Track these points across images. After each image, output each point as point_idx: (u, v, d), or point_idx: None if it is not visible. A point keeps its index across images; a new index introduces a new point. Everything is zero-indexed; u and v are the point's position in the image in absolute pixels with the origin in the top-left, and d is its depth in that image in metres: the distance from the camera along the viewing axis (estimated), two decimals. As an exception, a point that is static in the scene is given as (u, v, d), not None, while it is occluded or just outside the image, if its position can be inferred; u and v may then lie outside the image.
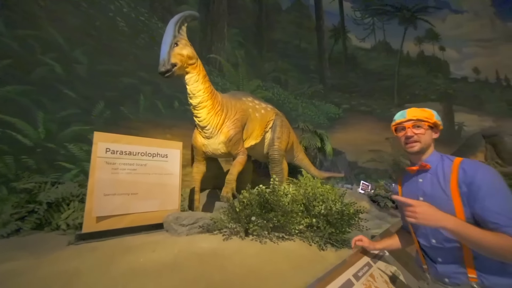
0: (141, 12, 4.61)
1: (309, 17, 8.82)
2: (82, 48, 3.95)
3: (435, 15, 10.01)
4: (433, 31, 10.05)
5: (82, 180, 3.55)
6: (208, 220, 2.48)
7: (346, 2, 9.54)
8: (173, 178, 2.78)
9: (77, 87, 3.94)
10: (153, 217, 2.52)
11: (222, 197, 3.31)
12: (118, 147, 2.45)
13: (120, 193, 2.38)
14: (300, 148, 5.62)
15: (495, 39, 10.67)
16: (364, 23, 9.60)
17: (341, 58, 8.99)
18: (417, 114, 1.32)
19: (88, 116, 4.04)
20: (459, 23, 10.26)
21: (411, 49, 9.80)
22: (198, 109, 3.38)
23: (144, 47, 4.57)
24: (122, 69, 4.26)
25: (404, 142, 1.36)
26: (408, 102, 9.25)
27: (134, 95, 4.40)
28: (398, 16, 9.86)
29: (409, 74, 9.60)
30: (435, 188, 1.28)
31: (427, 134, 1.32)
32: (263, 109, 4.43)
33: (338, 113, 8.37)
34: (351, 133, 8.54)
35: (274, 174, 4.44)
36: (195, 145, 3.68)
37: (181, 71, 3.15)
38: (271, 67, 7.39)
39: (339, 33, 9.17)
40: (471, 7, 10.42)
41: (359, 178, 8.09)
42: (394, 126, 1.41)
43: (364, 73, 9.12)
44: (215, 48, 6.15)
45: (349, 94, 8.73)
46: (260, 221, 2.22)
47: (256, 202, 2.27)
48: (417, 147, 1.32)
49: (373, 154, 8.69)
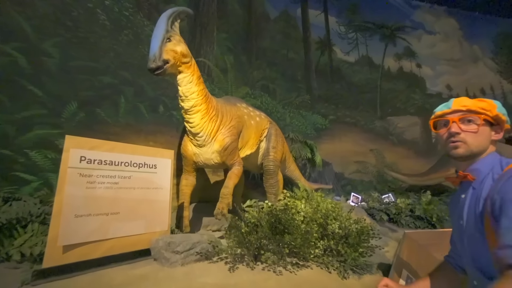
0: (126, 6, 4.17)
1: (296, 28, 8.86)
2: (54, 40, 3.41)
3: (411, 34, 10.57)
4: (410, 49, 10.57)
5: (44, 196, 2.94)
6: (206, 244, 2.07)
7: (331, 17, 9.73)
8: (163, 193, 2.34)
9: (44, 84, 3.36)
10: (137, 242, 2.05)
11: (216, 214, 2.89)
12: (96, 155, 1.98)
13: (96, 214, 1.90)
14: (292, 158, 5.40)
15: (463, 59, 11.47)
16: (348, 37, 9.85)
17: (327, 70, 9.09)
18: (468, 104, 0.94)
19: (56, 118, 3.44)
20: (433, 43, 10.90)
21: (391, 65, 10.19)
22: (191, 114, 2.99)
23: (127, 44, 4.11)
24: (101, 66, 3.75)
25: (445, 141, 0.96)
26: (390, 115, 9.52)
27: (113, 96, 3.88)
28: (379, 33, 10.27)
29: (390, 88, 9.92)
30: (472, 210, 0.90)
31: (481, 132, 0.92)
32: (257, 116, 4.15)
33: (325, 124, 8.35)
34: (337, 144, 8.53)
35: (269, 186, 4.13)
36: (185, 154, 3.26)
37: (173, 69, 2.77)
38: (260, 75, 7.20)
39: (325, 46, 9.31)
40: (442, 29, 11.15)
41: (346, 189, 8.05)
42: (433, 120, 1.03)
43: (349, 85, 9.29)
44: (204, 51, 5.83)
45: (335, 105, 8.79)
46: (272, 246, 1.87)
47: (267, 223, 1.93)
48: (462, 150, 0.92)
49: (358, 165, 8.76)
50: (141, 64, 4.28)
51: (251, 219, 1.94)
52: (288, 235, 1.84)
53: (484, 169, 0.91)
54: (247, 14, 7.31)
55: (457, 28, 11.05)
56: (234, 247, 1.90)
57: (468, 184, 0.95)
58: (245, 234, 1.90)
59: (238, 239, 1.90)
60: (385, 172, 8.43)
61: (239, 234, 1.92)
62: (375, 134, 9.03)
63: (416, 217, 4.72)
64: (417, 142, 9.29)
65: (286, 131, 5.97)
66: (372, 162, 8.75)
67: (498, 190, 0.77)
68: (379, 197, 5.74)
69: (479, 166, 0.92)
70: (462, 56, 11.08)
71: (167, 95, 4.58)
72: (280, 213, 1.95)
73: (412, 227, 4.53)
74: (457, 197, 1.02)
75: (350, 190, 7.37)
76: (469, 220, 0.90)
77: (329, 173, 8.01)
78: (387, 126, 9.14)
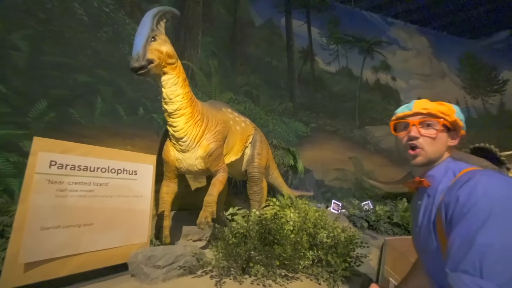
0: (106, 2, 3.95)
1: (280, 37, 9.03)
2: (23, 32, 3.11)
3: (387, 49, 11.15)
4: (386, 63, 11.15)
5: (3, 204, 2.61)
6: (190, 257, 1.93)
7: (314, 28, 10.06)
8: (143, 201, 2.16)
9: (10, 80, 3.03)
10: (113, 256, 1.86)
11: (200, 223, 2.75)
12: (69, 160, 1.78)
13: (66, 225, 1.69)
14: (275, 165, 5.38)
15: (432, 75, 12.27)
16: (330, 48, 10.22)
17: (309, 79, 9.32)
18: (429, 107, 0.91)
19: (22, 117, 3.11)
20: (406, 58, 11.58)
21: (369, 77, 10.68)
22: (175, 117, 2.85)
23: (106, 41, 3.87)
24: (76, 63, 3.48)
25: (405, 145, 0.94)
26: (368, 125, 9.89)
27: (89, 96, 3.61)
28: (358, 46, 10.77)
29: (368, 99, 10.36)
30: (426, 217, 0.89)
31: (439, 138, 0.90)
32: (243, 122, 4.09)
33: (307, 132, 8.51)
34: (318, 152, 8.70)
35: (253, 194, 4.04)
36: (167, 160, 3.09)
37: (157, 70, 2.63)
38: (244, 81, 7.20)
39: (307, 55, 9.56)
40: (414, 46, 11.88)
41: (326, 196, 8.19)
42: (393, 122, 1.01)
43: (330, 94, 9.58)
44: (188, 54, 5.70)
45: (316, 114, 9.00)
46: (261, 257, 1.78)
47: (256, 233, 1.84)
48: (421, 159, 0.90)
49: (338, 172, 8.97)
50: (122, 63, 4.05)
51: (240, 229, 1.84)
52: (278, 246, 1.77)
53: (438, 175, 0.90)
54: (233, 19, 7.31)
55: (428, 46, 11.91)
56: (221, 260, 1.79)
57: (423, 190, 0.94)
58: (233, 245, 1.79)
59: (226, 251, 1.79)
60: (363, 180, 8.70)
61: (226, 245, 1.81)
62: (354, 142, 9.34)
63: (394, 224, 4.86)
64: (392, 151, 9.73)
65: (269, 138, 5.97)
66: (351, 170, 9.02)
67: (450, 199, 0.75)
68: (359, 204, 5.86)
69: (434, 173, 0.91)
70: (432, 72, 11.93)
71: (148, 97, 4.36)
72: (270, 222, 1.87)
73: (390, 234, 4.65)
74: (414, 203, 1.02)
75: (330, 197, 7.50)
76: (423, 228, 0.89)
77: (310, 180, 8.13)
78: (365, 135, 9.50)
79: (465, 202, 0.69)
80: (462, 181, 0.75)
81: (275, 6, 8.95)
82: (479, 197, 0.67)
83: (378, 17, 10.91)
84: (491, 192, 0.67)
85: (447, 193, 0.79)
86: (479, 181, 0.71)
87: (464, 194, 0.71)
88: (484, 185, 0.69)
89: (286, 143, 7.05)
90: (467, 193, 0.70)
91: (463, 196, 0.71)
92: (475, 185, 0.70)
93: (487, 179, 0.71)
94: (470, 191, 0.70)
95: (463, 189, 0.72)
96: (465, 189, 0.72)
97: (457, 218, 0.70)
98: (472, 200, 0.68)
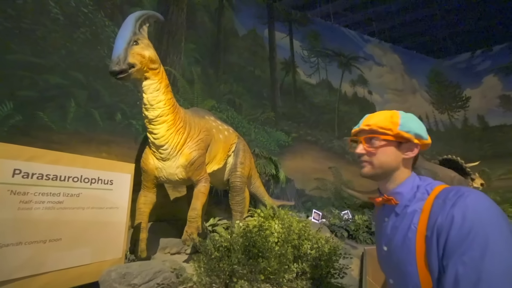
0: (84, 3, 3.76)
1: (263, 47, 9.21)
2: (-12, 28, 2.86)
3: (364, 64, 11.67)
4: (363, 77, 11.67)
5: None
6: (169, 273, 1.81)
7: (296, 41, 10.40)
8: (119, 213, 2.01)
9: (-31, 79, 2.76)
10: (83, 274, 1.69)
11: (185, 240, 2.62)
12: (35, 168, 1.61)
13: (29, 242, 1.52)
14: (257, 175, 5.35)
15: (404, 90, 13.01)
16: (311, 61, 10.57)
17: (291, 89, 9.53)
18: (371, 123, 0.92)
19: (-18, 120, 2.83)
20: (381, 74, 12.17)
21: (347, 90, 11.12)
22: (155, 124, 2.75)
23: (83, 43, 3.67)
24: (48, 64, 3.25)
25: (358, 160, 0.96)
26: (346, 135, 10.25)
27: (61, 99, 3.37)
28: (337, 60, 11.22)
29: (346, 111, 10.75)
30: (399, 238, 0.85)
31: (383, 152, 0.89)
32: (226, 130, 4.04)
33: (288, 141, 8.61)
34: (299, 161, 8.83)
35: (235, 204, 3.97)
36: (145, 168, 2.94)
37: (139, 75, 2.53)
38: (227, 89, 7.20)
39: (289, 67, 9.80)
40: (388, 63, 12.56)
41: (306, 206, 8.26)
42: (350, 138, 1.04)
43: (310, 105, 9.85)
44: (170, 60, 5.60)
45: (297, 124, 9.18)
46: (245, 272, 1.71)
47: (241, 246, 1.77)
48: (366, 170, 0.92)
49: (318, 182, 9.11)
50: (99, 66, 3.86)
51: (223, 242, 1.77)
52: (263, 260, 1.71)
53: (406, 193, 0.88)
54: (217, 28, 7.34)
55: (400, 63, 12.73)
56: (203, 275, 1.69)
57: (391, 207, 0.91)
58: (216, 260, 1.71)
59: (208, 265, 1.70)
60: (342, 189, 8.90)
61: (209, 260, 1.72)
62: (333, 152, 9.60)
63: (372, 233, 4.99)
64: (368, 161, 10.13)
65: (251, 147, 5.96)
66: (330, 180, 9.22)
67: (443, 222, 0.71)
68: (339, 213, 5.96)
69: (401, 190, 0.89)
70: (404, 87, 12.73)
71: (126, 102, 4.18)
72: (255, 235, 1.82)
73: (369, 243, 4.76)
74: (380, 219, 0.99)
75: (311, 207, 7.57)
76: (396, 250, 0.85)
77: (291, 190, 8.18)
78: (343, 146, 9.80)
79: (461, 225, 0.68)
80: (452, 199, 0.73)
81: (258, 18, 9.15)
82: (475, 221, 0.66)
83: (355, 33, 11.53)
84: (483, 214, 0.67)
85: (438, 213, 0.74)
86: (470, 201, 0.70)
87: (458, 217, 0.68)
88: (475, 206, 0.69)
89: (268, 152, 7.06)
90: (461, 216, 0.68)
91: (457, 218, 0.69)
92: (467, 206, 0.69)
93: (476, 197, 0.71)
94: (464, 213, 0.68)
95: (456, 210, 0.70)
96: (458, 211, 0.69)
97: (454, 248, 0.67)
98: (467, 224, 0.66)
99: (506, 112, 11.15)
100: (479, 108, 11.90)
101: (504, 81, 11.56)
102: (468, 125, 11.97)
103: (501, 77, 11.64)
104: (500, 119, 11.36)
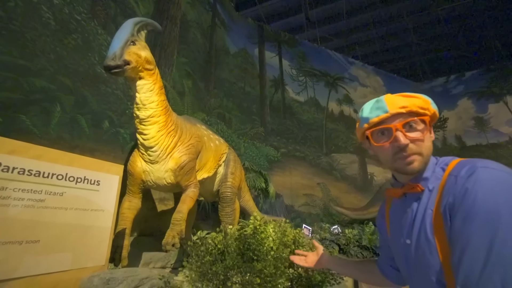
0: (78, 10, 3.77)
1: (253, 65, 9.48)
2: (-26, 27, 2.77)
3: (349, 84, 12.18)
4: (348, 97, 12.10)
5: None
6: (157, 280, 1.68)
7: (284, 60, 10.84)
8: (104, 217, 1.87)
9: None
10: (60, 282, 1.52)
11: (165, 244, 2.46)
12: (17, 162, 1.49)
13: (3, 242, 1.37)
14: (247, 188, 5.27)
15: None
16: (299, 80, 10.97)
17: (280, 106, 9.74)
18: (406, 104, 0.76)
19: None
20: (365, 94, 12.68)
21: (334, 108, 11.46)
22: (146, 124, 2.68)
23: (73, 49, 3.62)
24: (35, 67, 3.16)
25: (393, 155, 0.78)
26: (334, 152, 10.39)
27: (46, 103, 3.24)
28: (324, 80, 11.66)
29: (333, 128, 11.01)
30: (418, 226, 0.77)
31: (427, 138, 0.77)
32: (217, 140, 4.01)
33: (277, 156, 8.65)
34: (287, 177, 8.84)
35: (225, 215, 3.84)
36: (132, 171, 2.80)
37: (133, 73, 2.51)
38: (217, 104, 7.26)
39: (278, 84, 10.10)
40: (371, 84, 13.17)
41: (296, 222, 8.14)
42: (370, 131, 0.83)
43: (299, 122, 10.06)
44: (162, 72, 5.61)
45: (286, 140, 9.29)
46: (240, 276, 1.61)
47: (236, 249, 1.68)
48: (418, 164, 0.76)
49: (306, 198, 9.10)
50: (88, 72, 3.79)
51: (218, 244, 1.67)
52: (258, 263, 1.63)
53: (429, 176, 0.78)
54: (208, 44, 7.53)
55: (382, 85, 13.43)
56: (194, 281, 1.58)
57: (414, 196, 0.80)
58: (208, 263, 1.60)
59: (201, 270, 1.59)
60: (331, 206, 8.90)
61: (201, 264, 1.62)
62: (321, 168, 9.69)
63: (363, 247, 4.94)
64: (355, 178, 10.27)
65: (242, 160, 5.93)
66: (319, 196, 9.22)
67: (454, 201, 0.67)
68: (329, 228, 5.91)
69: (426, 175, 0.78)
70: (387, 108, 13.41)
71: (115, 110, 4.08)
72: (250, 237, 1.74)
73: (360, 257, 4.69)
74: (398, 210, 0.87)
75: (300, 223, 7.47)
76: (418, 241, 0.76)
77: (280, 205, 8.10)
78: (331, 162, 9.95)
79: (471, 205, 0.63)
80: (464, 176, 0.68)
81: (249, 37, 9.53)
82: (487, 199, 0.61)
83: (341, 56, 12.17)
84: (497, 191, 0.62)
85: (450, 192, 0.68)
86: (484, 177, 0.64)
87: (469, 198, 0.64)
88: (489, 183, 0.63)
89: (258, 166, 7.03)
90: (472, 196, 0.63)
91: (468, 198, 0.64)
92: (480, 184, 0.64)
93: (490, 173, 0.66)
94: (475, 193, 0.63)
95: (468, 191, 0.64)
96: (469, 192, 0.64)
97: (468, 224, 0.63)
98: (479, 201, 0.62)
99: (480, 133, 11.83)
100: (456, 129, 12.56)
101: (477, 104, 12.39)
102: (447, 144, 12.55)
103: (474, 101, 12.47)
104: (475, 139, 12.00)
